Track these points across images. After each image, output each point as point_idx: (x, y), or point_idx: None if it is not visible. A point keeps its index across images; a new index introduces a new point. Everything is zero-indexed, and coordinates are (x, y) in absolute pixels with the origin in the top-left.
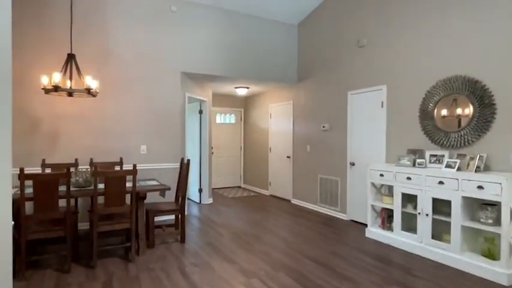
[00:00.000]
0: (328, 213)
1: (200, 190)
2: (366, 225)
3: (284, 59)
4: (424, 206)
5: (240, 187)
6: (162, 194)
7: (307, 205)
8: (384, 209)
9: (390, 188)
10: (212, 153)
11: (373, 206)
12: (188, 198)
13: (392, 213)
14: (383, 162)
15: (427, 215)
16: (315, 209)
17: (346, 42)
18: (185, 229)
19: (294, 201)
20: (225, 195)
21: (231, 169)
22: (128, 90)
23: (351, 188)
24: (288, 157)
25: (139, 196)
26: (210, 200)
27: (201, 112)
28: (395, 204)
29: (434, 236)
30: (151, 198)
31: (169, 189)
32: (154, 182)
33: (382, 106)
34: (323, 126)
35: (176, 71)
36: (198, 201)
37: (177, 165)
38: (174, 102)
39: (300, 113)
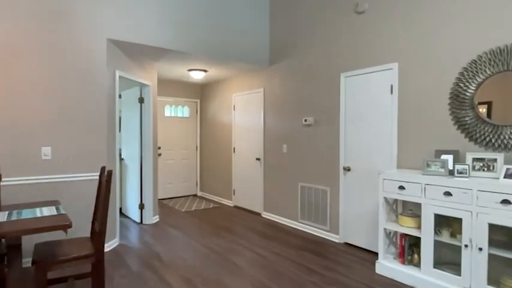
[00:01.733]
0: (313, 233)
1: (141, 206)
2: (368, 252)
3: (253, 35)
4: (476, 235)
5: (196, 196)
6: (64, 230)
7: (285, 221)
8: (403, 235)
9: (415, 206)
10: (159, 154)
11: (386, 230)
12: (126, 216)
13: (416, 241)
14: (394, 168)
15: (480, 249)
16: (295, 226)
17: (339, 7)
18: (106, 281)
19: (266, 215)
20: (177, 209)
21: (185, 174)
22: (18, 61)
23: (345, 201)
24: (257, 159)
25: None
26: (156, 218)
27: (141, 100)
28: (425, 230)
29: (491, 280)
30: (49, 234)
31: (69, 226)
32: (50, 210)
33: (391, 92)
34: (305, 120)
35: (99, 37)
36: (138, 220)
37: (95, 175)
38: (97, 82)
39: (274, 103)
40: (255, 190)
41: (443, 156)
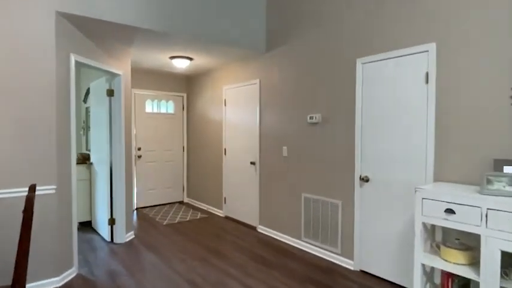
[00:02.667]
0: (320, 255)
1: (111, 221)
2: (392, 284)
3: (245, 13)
4: None
5: (182, 203)
6: None
7: (285, 239)
8: (449, 274)
9: (465, 233)
10: (139, 156)
11: (424, 266)
12: (96, 232)
13: (468, 282)
14: (430, 181)
15: None
16: (298, 246)
17: None
18: None
19: (263, 229)
20: (158, 221)
21: (169, 179)
22: None
23: (362, 218)
24: (252, 163)
25: None
26: (130, 236)
27: (110, 93)
28: (486, 272)
29: None
30: None
31: None
32: None
33: (426, 81)
34: (310, 118)
35: (45, 8)
36: (108, 238)
37: (49, 188)
38: (40, 69)
39: (272, 97)
40: (249, 199)
41: (508, 169)
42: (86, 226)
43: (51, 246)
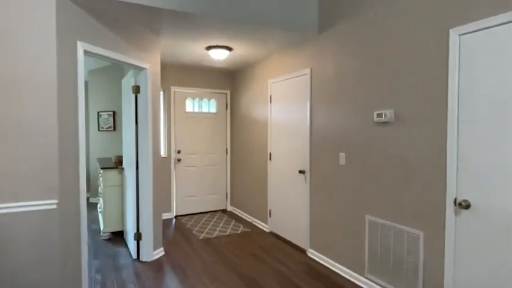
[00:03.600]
0: None
1: (137, 236)
2: None
3: None
4: None
5: (225, 211)
6: None
7: (342, 271)
8: None
9: None
10: (178, 160)
11: None
12: (126, 246)
13: None
14: None
15: None
16: (359, 283)
17: None
18: None
19: (314, 255)
20: (195, 234)
21: (212, 184)
22: None
23: (458, 260)
24: (301, 172)
25: None
26: (159, 253)
27: (136, 90)
28: None
29: None
30: None
31: None
32: None
33: None
34: (378, 116)
35: None
36: (134, 255)
37: (48, 203)
38: (36, 60)
39: (325, 89)
40: (298, 215)
41: None
42: (119, 236)
43: (52, 274)
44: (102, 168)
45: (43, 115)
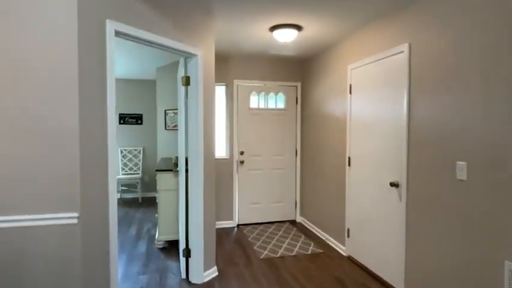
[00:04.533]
0: None
1: (186, 253)
2: None
3: None
4: None
5: (294, 223)
6: None
7: None
8: None
9: None
10: (241, 162)
11: None
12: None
13: None
14: None
15: None
16: None
17: None
18: None
19: None
20: (256, 250)
21: (279, 191)
22: None
23: None
24: (393, 185)
25: None
26: (211, 274)
27: (186, 82)
28: None
29: None
30: None
31: None
32: None
33: None
34: None
35: None
36: (183, 274)
37: (67, 217)
38: (51, 44)
39: (433, 73)
40: (387, 242)
41: None
42: (174, 246)
43: None
44: (156, 171)
45: (60, 112)
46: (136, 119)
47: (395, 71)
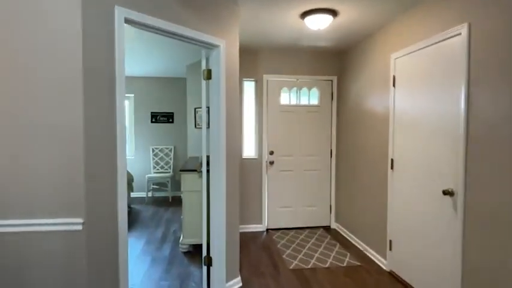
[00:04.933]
0: None
1: (207, 261)
2: None
3: None
4: None
5: (328, 229)
6: None
7: None
8: None
9: None
10: (271, 163)
11: None
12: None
13: None
14: None
15: None
16: None
17: None
18: None
19: None
20: (285, 259)
21: (312, 194)
22: None
23: None
24: (446, 193)
25: None
26: (234, 284)
27: (207, 76)
28: None
29: None
30: None
31: None
32: None
33: None
34: None
35: None
36: (204, 284)
37: (71, 223)
38: (52, 33)
39: (499, 61)
40: (438, 260)
41: None
42: (199, 251)
43: None
44: (180, 171)
45: (61, 111)
46: (168, 118)
47: (449, 58)
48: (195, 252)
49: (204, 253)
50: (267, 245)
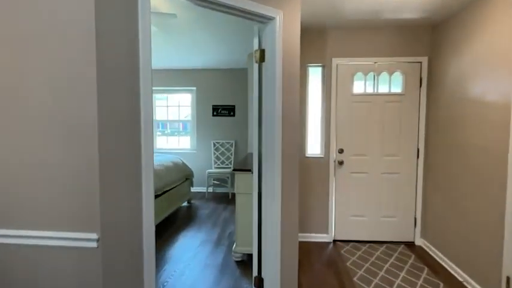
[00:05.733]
0: None
1: (257, 282)
2: None
3: None
4: None
5: (411, 247)
6: None
7: None
8: None
9: None
10: (340, 163)
11: None
12: None
13: None
14: None
15: None
16: None
17: None
18: None
19: None
20: (357, 283)
21: (391, 202)
22: None
23: None
24: None
25: None
26: None
27: (260, 57)
28: None
29: None
30: None
31: None
32: None
33: None
34: None
35: None
36: None
37: (84, 239)
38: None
39: None
40: None
41: None
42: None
43: None
44: (233, 170)
45: (71, 106)
46: (229, 111)
47: None
48: (249, 262)
49: (255, 272)
50: (334, 260)
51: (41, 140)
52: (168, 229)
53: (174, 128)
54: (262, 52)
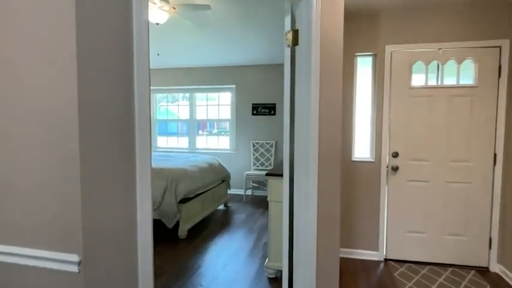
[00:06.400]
0: None
1: None
2: None
3: None
4: None
5: (486, 273)
6: None
7: None
8: None
9: None
10: (394, 169)
11: None
12: None
13: None
14: None
15: None
16: None
17: None
18: None
19: None
20: None
21: (458, 217)
22: None
23: None
24: None
25: None
26: None
27: (293, 40)
28: None
29: None
30: None
31: None
32: None
33: None
34: None
35: None
36: None
37: (63, 261)
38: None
39: None
40: None
41: None
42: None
43: None
44: (267, 175)
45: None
46: (269, 110)
47: None
48: (280, 278)
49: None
50: (385, 284)
51: (16, 142)
52: (199, 234)
53: (216, 128)
54: (295, 33)
